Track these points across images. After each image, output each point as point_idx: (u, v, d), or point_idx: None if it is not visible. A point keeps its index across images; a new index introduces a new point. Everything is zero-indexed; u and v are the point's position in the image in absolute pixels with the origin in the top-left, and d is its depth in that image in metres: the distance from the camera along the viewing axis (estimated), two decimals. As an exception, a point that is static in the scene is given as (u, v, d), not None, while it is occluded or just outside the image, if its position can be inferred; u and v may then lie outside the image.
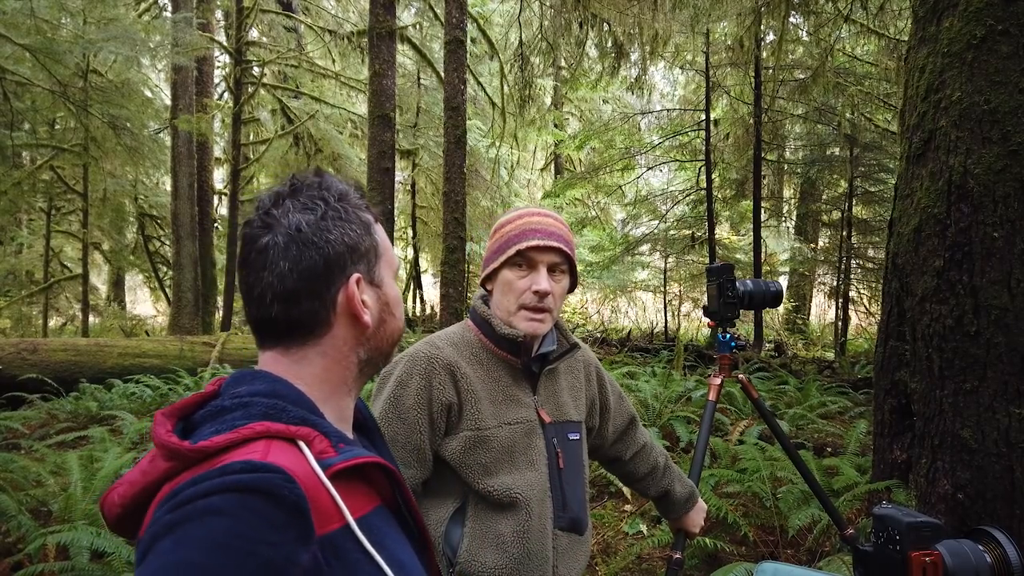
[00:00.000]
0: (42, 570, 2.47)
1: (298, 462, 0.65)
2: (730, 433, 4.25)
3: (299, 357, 0.76)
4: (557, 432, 1.33)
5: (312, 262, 0.73)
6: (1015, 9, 2.21)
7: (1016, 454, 2.15)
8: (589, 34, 9.05)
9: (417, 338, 9.62)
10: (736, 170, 11.49)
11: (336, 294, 0.75)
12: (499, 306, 1.30)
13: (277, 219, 0.74)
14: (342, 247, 0.75)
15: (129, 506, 0.66)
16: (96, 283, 16.23)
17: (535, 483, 1.26)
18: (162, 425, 0.67)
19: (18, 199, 10.16)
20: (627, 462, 1.58)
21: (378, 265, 0.80)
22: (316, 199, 0.76)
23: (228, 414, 0.68)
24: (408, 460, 1.21)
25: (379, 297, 0.80)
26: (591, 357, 1.50)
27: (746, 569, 2.32)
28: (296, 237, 0.73)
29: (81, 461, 3.44)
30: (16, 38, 7.54)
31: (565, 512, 1.30)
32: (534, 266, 1.27)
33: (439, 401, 1.22)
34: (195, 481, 0.59)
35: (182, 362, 7.20)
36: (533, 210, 1.33)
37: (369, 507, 0.73)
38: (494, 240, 1.32)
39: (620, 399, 1.56)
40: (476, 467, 1.22)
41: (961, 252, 2.29)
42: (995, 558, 1.15)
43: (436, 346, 1.28)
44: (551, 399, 1.35)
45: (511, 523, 1.22)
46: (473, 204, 12.71)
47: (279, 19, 12.90)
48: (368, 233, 0.79)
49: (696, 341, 10.95)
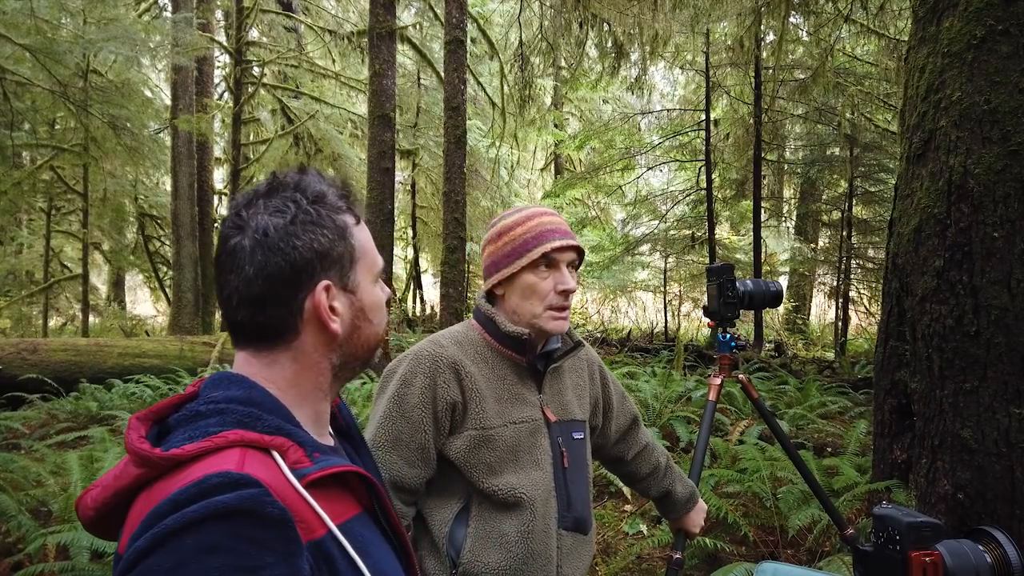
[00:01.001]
0: (42, 570, 2.47)
1: (273, 472, 0.64)
2: (730, 433, 4.24)
3: (270, 360, 0.75)
4: (562, 431, 1.32)
5: (278, 268, 0.71)
6: (1015, 9, 2.21)
7: (1016, 454, 2.15)
8: (589, 34, 9.05)
9: (417, 338, 9.63)
10: (736, 170, 11.49)
11: (303, 301, 0.73)
12: (518, 310, 1.28)
13: (246, 221, 0.73)
14: (310, 254, 0.73)
15: (102, 510, 0.66)
16: (96, 283, 16.23)
17: (540, 483, 1.25)
18: (135, 430, 0.66)
19: (18, 199, 10.16)
20: (629, 462, 1.58)
21: (353, 270, 0.77)
22: (288, 201, 0.74)
23: (203, 420, 0.67)
24: (412, 459, 1.21)
25: (352, 303, 0.77)
26: (594, 356, 1.50)
27: (746, 569, 2.32)
28: (262, 242, 0.71)
29: (81, 461, 3.44)
30: (16, 38, 7.54)
31: (570, 512, 1.30)
32: (556, 266, 1.27)
33: (443, 400, 1.21)
34: (176, 504, 0.57)
35: (182, 362, 7.20)
36: (538, 210, 1.33)
37: (350, 514, 0.72)
38: (502, 243, 1.29)
39: (623, 399, 1.56)
40: (481, 466, 1.22)
41: (961, 252, 2.29)
42: (995, 558, 1.15)
43: (440, 344, 1.27)
44: (556, 398, 1.34)
45: (515, 523, 1.21)
46: (473, 204, 12.71)
47: (279, 19, 12.90)
48: (342, 238, 0.76)
49: (696, 341, 10.94)
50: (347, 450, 0.87)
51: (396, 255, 15.08)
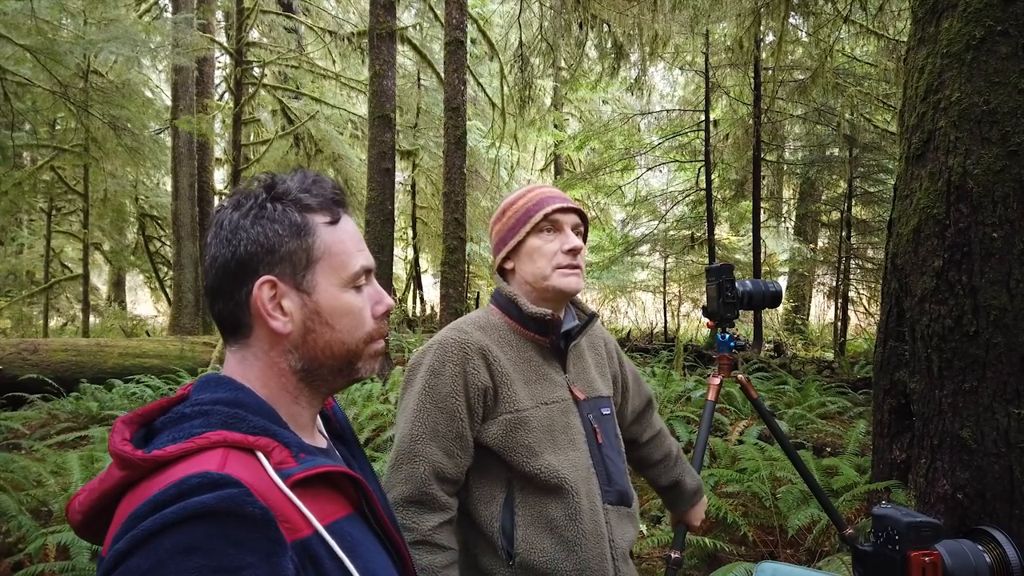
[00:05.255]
0: (42, 570, 2.47)
1: (257, 473, 0.64)
2: (730, 433, 4.25)
3: (240, 357, 0.75)
4: (592, 408, 1.33)
5: (224, 260, 0.72)
6: (1014, 10, 2.22)
7: (1015, 454, 2.16)
8: (589, 35, 9.05)
9: (417, 338, 9.62)
10: (736, 171, 11.50)
11: (247, 295, 0.73)
12: (529, 276, 1.29)
13: (219, 215, 0.75)
14: (254, 247, 0.72)
15: (89, 513, 0.66)
16: (97, 283, 16.23)
17: (579, 463, 1.25)
18: (119, 433, 0.66)
19: (19, 199, 10.16)
20: (643, 445, 1.58)
21: (310, 270, 0.74)
22: (250, 196, 0.75)
23: (187, 421, 0.67)
24: (452, 449, 1.19)
25: (305, 304, 0.74)
26: (608, 335, 1.51)
27: (746, 569, 2.32)
28: (218, 234, 0.73)
29: (81, 461, 3.44)
30: (17, 39, 7.54)
31: (611, 486, 1.30)
32: (560, 228, 1.29)
33: (475, 386, 1.21)
34: (156, 505, 0.57)
35: (183, 362, 7.21)
36: (537, 185, 1.36)
37: (339, 514, 0.72)
38: (506, 219, 1.33)
39: (637, 379, 1.56)
40: (520, 449, 1.21)
41: (960, 252, 2.29)
42: (994, 558, 1.15)
43: (464, 331, 1.26)
44: (581, 376, 1.35)
45: (561, 506, 1.21)
46: (473, 204, 12.71)
47: (279, 20, 12.90)
48: (296, 235, 0.74)
49: (696, 341, 10.95)
50: (342, 452, 0.86)
51: (396, 255, 15.06)
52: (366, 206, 7.16)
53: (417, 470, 1.17)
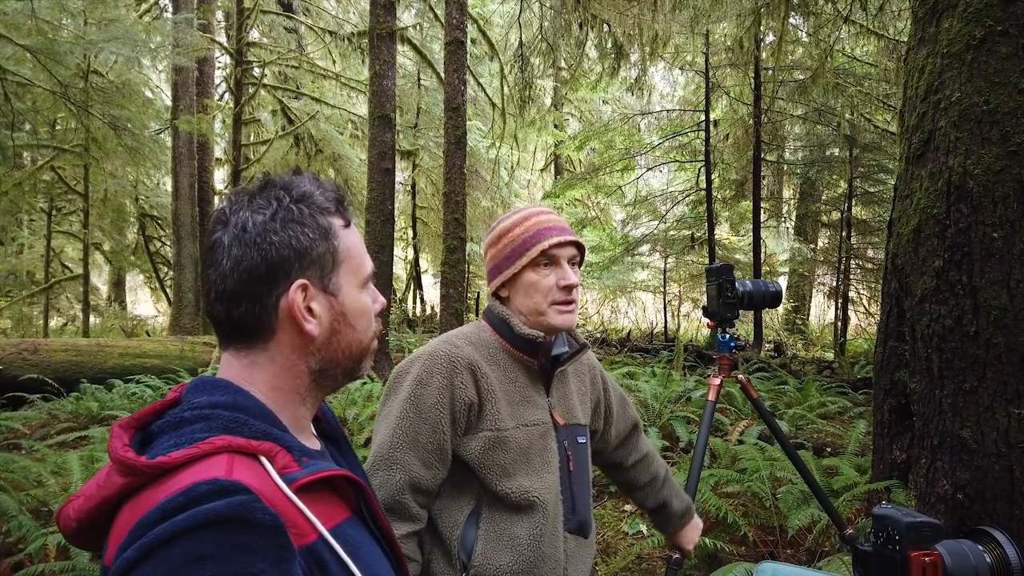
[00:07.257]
0: (43, 570, 2.47)
1: (262, 478, 0.64)
2: (730, 433, 4.25)
3: (249, 362, 0.74)
4: (568, 435, 1.33)
5: (252, 264, 0.70)
6: (1015, 10, 2.22)
7: (1016, 454, 2.16)
8: (589, 35, 9.05)
9: (417, 339, 9.62)
10: (736, 171, 11.50)
11: (278, 299, 0.72)
12: (523, 309, 1.29)
13: (229, 216, 0.73)
14: (287, 251, 0.71)
15: (85, 520, 0.65)
16: (97, 283, 16.23)
17: (551, 485, 1.26)
18: (119, 438, 0.65)
19: (19, 199, 10.16)
20: (628, 469, 1.58)
21: (336, 272, 0.75)
22: (271, 199, 0.73)
23: (188, 426, 0.66)
24: (430, 460, 1.20)
25: (332, 306, 0.75)
26: (594, 360, 1.51)
27: (746, 569, 2.32)
28: (240, 237, 0.71)
29: (82, 461, 3.45)
30: (17, 39, 7.54)
31: (574, 515, 1.30)
32: (557, 262, 1.28)
33: (461, 400, 1.21)
34: (165, 513, 0.56)
35: (183, 362, 7.21)
36: (535, 209, 1.33)
37: (340, 517, 0.72)
38: (503, 245, 1.30)
39: (623, 403, 1.56)
40: (495, 468, 1.21)
41: (960, 252, 2.29)
42: (994, 558, 1.15)
43: (455, 344, 1.26)
44: (562, 401, 1.35)
45: (527, 525, 1.21)
46: (473, 204, 12.71)
47: (279, 20, 12.90)
48: (324, 238, 0.74)
49: (696, 341, 10.95)
50: (332, 453, 0.86)
51: (396, 255, 15.07)
52: (366, 206, 7.16)
53: (392, 478, 1.17)
